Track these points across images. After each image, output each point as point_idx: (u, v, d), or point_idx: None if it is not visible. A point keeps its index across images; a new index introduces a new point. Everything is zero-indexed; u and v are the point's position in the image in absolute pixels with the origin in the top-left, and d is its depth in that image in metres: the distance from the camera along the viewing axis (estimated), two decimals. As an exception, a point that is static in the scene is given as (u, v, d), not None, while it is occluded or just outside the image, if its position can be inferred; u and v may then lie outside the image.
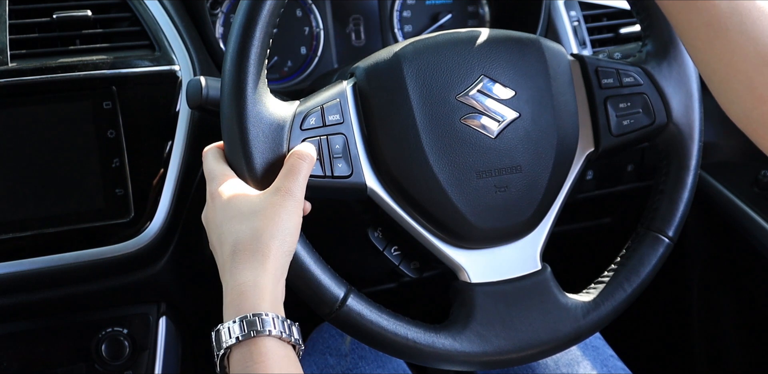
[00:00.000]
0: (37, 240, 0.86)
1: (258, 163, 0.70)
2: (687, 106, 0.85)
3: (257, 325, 0.61)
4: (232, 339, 0.61)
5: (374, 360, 0.98)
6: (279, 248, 0.65)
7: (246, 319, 0.61)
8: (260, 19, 0.69)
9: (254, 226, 0.65)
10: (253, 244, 0.65)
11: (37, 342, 0.96)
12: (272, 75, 1.12)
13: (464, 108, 0.76)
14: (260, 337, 0.61)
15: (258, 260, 0.64)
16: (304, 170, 0.69)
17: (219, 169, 0.72)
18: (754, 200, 1.17)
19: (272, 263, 0.64)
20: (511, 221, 0.78)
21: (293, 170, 0.69)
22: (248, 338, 0.61)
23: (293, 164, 0.69)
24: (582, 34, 1.14)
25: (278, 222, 0.66)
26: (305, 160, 0.70)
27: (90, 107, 0.87)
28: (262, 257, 0.64)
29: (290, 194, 0.67)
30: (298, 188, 0.68)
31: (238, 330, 0.61)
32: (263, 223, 0.65)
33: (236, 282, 0.64)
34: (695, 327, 1.37)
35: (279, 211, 0.66)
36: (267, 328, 0.61)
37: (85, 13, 0.91)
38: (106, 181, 0.88)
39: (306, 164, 0.70)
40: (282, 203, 0.67)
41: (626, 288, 0.83)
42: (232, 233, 0.66)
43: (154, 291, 1.00)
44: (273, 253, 0.65)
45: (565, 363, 0.98)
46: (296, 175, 0.69)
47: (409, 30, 1.18)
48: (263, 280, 0.63)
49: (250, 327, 0.61)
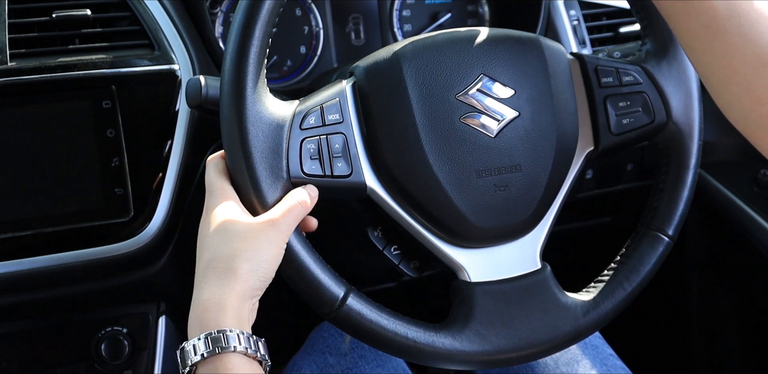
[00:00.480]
0: (37, 239, 0.86)
1: (257, 162, 0.70)
2: (686, 105, 0.85)
3: (222, 341, 0.61)
4: (197, 356, 0.61)
5: (374, 359, 0.98)
6: (251, 271, 0.65)
7: (211, 336, 0.61)
8: (260, 18, 0.69)
9: (232, 246, 0.65)
10: (227, 263, 0.65)
11: (36, 342, 0.96)
12: (272, 74, 1.12)
13: (464, 107, 0.76)
14: (226, 353, 0.61)
15: (228, 279, 0.64)
16: (296, 212, 0.69)
17: (218, 184, 0.71)
18: (753, 200, 1.17)
19: (241, 284, 0.64)
20: (511, 220, 0.78)
21: (291, 211, 0.69)
22: (213, 354, 0.61)
23: (290, 204, 0.69)
24: (581, 33, 1.14)
25: (256, 247, 0.66)
26: (302, 206, 0.70)
27: (89, 107, 0.87)
28: (232, 277, 0.64)
29: (276, 226, 0.67)
30: (286, 224, 0.68)
31: (203, 347, 0.61)
32: (241, 245, 0.65)
33: (201, 298, 0.64)
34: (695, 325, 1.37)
35: (260, 237, 0.66)
36: (232, 344, 0.61)
37: (85, 13, 0.91)
38: (105, 180, 0.88)
39: (302, 209, 0.70)
40: (265, 230, 0.67)
41: (626, 287, 0.83)
42: (210, 248, 0.66)
43: (154, 290, 1.00)
44: (243, 275, 0.64)
45: (565, 362, 0.98)
46: (289, 214, 0.69)
47: (409, 29, 1.18)
48: (228, 298, 0.63)
49: (215, 343, 0.61)
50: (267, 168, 0.70)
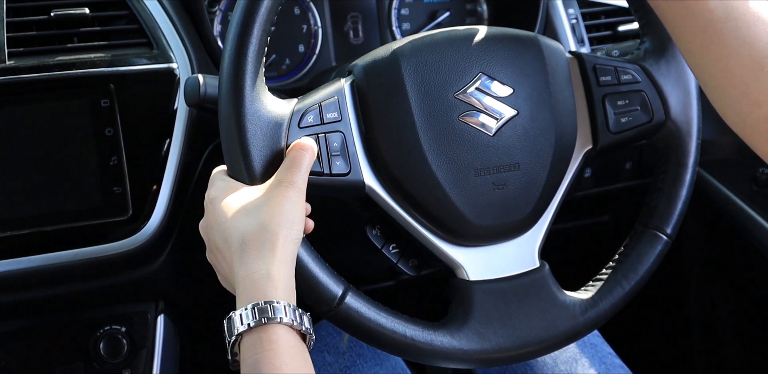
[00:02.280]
0: (35, 238, 0.86)
1: (256, 161, 0.70)
2: (685, 103, 0.85)
3: (269, 312, 0.61)
4: (243, 326, 0.61)
5: (372, 357, 0.98)
6: (287, 236, 0.65)
7: (258, 306, 0.61)
8: (258, 17, 0.69)
9: (260, 218, 0.65)
10: (261, 235, 0.65)
11: (35, 341, 0.96)
12: (270, 73, 1.12)
13: (462, 106, 0.76)
14: (271, 324, 0.61)
15: (268, 249, 0.64)
16: (306, 162, 0.70)
17: (220, 178, 0.72)
18: (752, 198, 1.17)
19: (281, 251, 0.64)
20: (509, 218, 0.78)
21: (295, 161, 0.69)
22: (259, 325, 0.61)
23: (295, 156, 0.70)
24: (580, 31, 1.14)
25: (283, 212, 0.66)
26: (307, 151, 0.70)
27: (88, 105, 0.87)
28: (271, 246, 0.64)
29: (293, 185, 0.68)
30: (300, 179, 0.69)
31: (249, 317, 0.61)
32: (269, 214, 0.65)
33: (248, 272, 0.63)
34: (693, 324, 1.37)
35: (283, 201, 0.66)
36: (278, 316, 0.61)
37: (83, 11, 0.91)
38: (103, 179, 0.87)
39: (308, 155, 0.70)
40: (285, 193, 0.67)
41: (624, 286, 0.83)
42: (238, 227, 0.66)
43: (152, 289, 1.00)
44: (281, 241, 0.65)
45: (564, 360, 0.98)
46: (298, 167, 0.69)
47: (407, 28, 1.18)
48: (275, 268, 0.63)
49: (261, 314, 0.61)
50: (265, 166, 0.70)
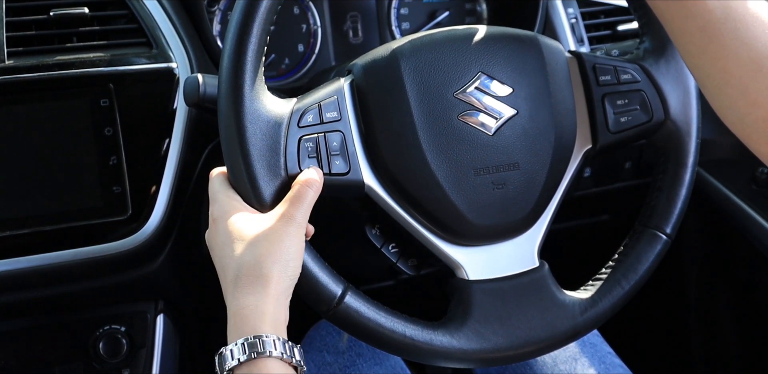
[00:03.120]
0: (35, 238, 0.86)
1: (255, 160, 0.69)
2: (684, 103, 0.85)
3: (258, 347, 0.61)
4: (234, 361, 0.62)
5: (372, 357, 0.98)
6: (281, 273, 0.66)
7: (247, 341, 0.62)
8: (257, 16, 0.69)
9: (257, 252, 0.66)
10: (256, 270, 0.65)
11: (34, 340, 0.96)
12: (270, 73, 1.12)
13: (462, 105, 0.76)
14: (261, 358, 0.62)
15: (260, 285, 0.64)
16: (309, 198, 0.69)
17: (222, 191, 0.72)
18: (751, 197, 1.17)
19: (274, 288, 0.65)
20: (509, 218, 0.78)
21: (299, 197, 0.69)
22: (250, 359, 0.61)
23: (300, 191, 0.69)
24: (580, 31, 1.14)
25: (281, 248, 0.66)
26: (312, 187, 0.70)
27: (87, 105, 0.87)
28: (265, 282, 0.65)
29: (293, 220, 0.68)
30: (302, 215, 0.68)
31: (239, 352, 0.62)
32: (266, 249, 0.66)
33: (238, 307, 0.64)
34: (693, 323, 1.37)
35: (282, 237, 0.66)
36: (268, 349, 0.62)
37: (82, 11, 0.91)
38: (103, 179, 0.87)
39: (312, 191, 0.70)
40: (285, 229, 0.67)
41: (624, 285, 0.83)
42: (234, 258, 0.66)
43: (152, 288, 1.00)
44: (275, 279, 0.65)
45: (563, 360, 0.98)
46: (301, 202, 0.69)
47: (407, 27, 1.18)
48: (264, 304, 0.64)
49: (251, 348, 0.61)
50: (265, 166, 0.70)
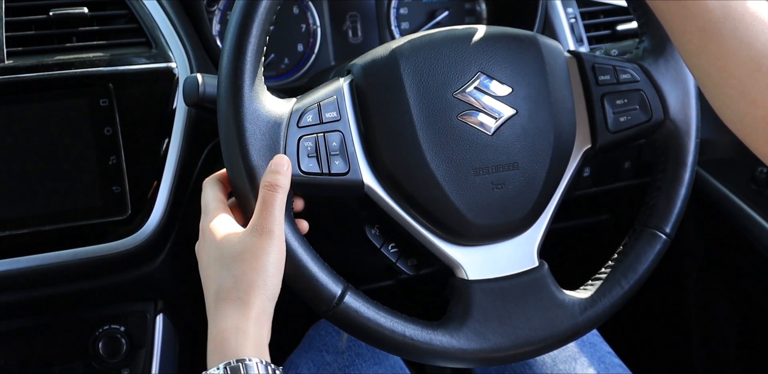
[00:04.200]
0: (34, 238, 0.86)
1: (255, 160, 0.69)
2: (684, 103, 0.85)
3: (241, 371, 0.61)
4: None
5: (371, 357, 0.98)
6: (261, 294, 0.65)
7: (230, 365, 0.62)
8: (257, 16, 0.69)
9: (235, 273, 0.65)
10: (234, 292, 0.65)
11: (34, 340, 0.96)
12: (269, 72, 1.12)
13: (461, 105, 0.76)
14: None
15: (240, 307, 0.64)
16: (278, 202, 0.68)
17: (213, 204, 0.71)
18: (750, 197, 1.17)
19: (255, 310, 0.65)
20: (508, 218, 0.78)
21: (266, 204, 0.67)
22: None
23: (265, 197, 0.68)
24: (579, 31, 1.14)
25: (257, 267, 0.66)
26: (277, 190, 0.68)
27: (87, 105, 0.87)
28: (244, 305, 0.65)
29: (267, 233, 0.67)
30: (274, 223, 0.67)
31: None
32: (243, 269, 0.65)
33: (218, 329, 0.64)
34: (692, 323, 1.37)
35: (258, 254, 0.66)
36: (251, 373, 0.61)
37: (82, 11, 0.91)
38: (102, 178, 0.87)
39: (279, 194, 0.68)
40: (260, 244, 0.66)
41: (623, 285, 0.83)
42: (215, 279, 0.67)
43: (152, 288, 1.00)
44: (254, 299, 0.65)
45: (563, 359, 0.98)
46: (270, 210, 0.67)
47: (406, 27, 1.18)
48: (245, 326, 0.64)
49: (234, 372, 0.61)
50: (264, 166, 0.70)
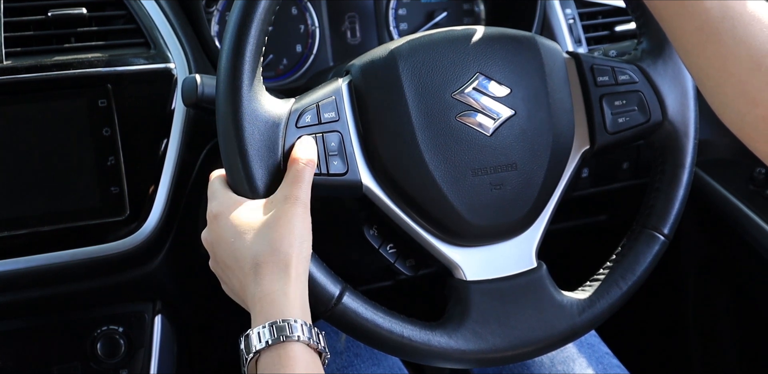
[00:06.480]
0: (33, 238, 0.86)
1: (254, 161, 0.69)
2: (682, 103, 0.85)
3: (287, 330, 0.62)
4: (262, 344, 0.62)
5: (369, 357, 0.98)
6: (299, 255, 0.66)
7: (276, 324, 0.62)
8: (255, 17, 0.69)
9: (271, 238, 0.66)
10: (274, 256, 0.65)
11: (32, 341, 0.96)
12: (268, 73, 1.12)
13: (460, 106, 0.76)
14: (289, 342, 0.62)
15: (282, 270, 0.65)
16: (308, 175, 0.70)
17: (221, 190, 0.72)
18: (749, 198, 1.18)
19: (295, 271, 0.65)
20: (507, 218, 0.78)
21: (298, 176, 0.69)
22: (278, 342, 0.62)
23: (297, 170, 0.69)
24: (577, 31, 1.14)
25: (293, 230, 0.66)
26: (309, 165, 0.70)
27: (85, 105, 0.87)
28: (285, 267, 0.65)
29: (299, 201, 0.68)
30: (305, 193, 0.69)
31: (267, 335, 0.62)
32: (279, 234, 0.66)
33: (263, 292, 0.64)
34: (691, 324, 1.37)
35: (291, 219, 0.67)
36: (296, 334, 0.62)
37: (81, 11, 0.91)
38: (101, 179, 0.87)
39: (309, 169, 0.70)
40: (292, 210, 0.67)
41: (622, 286, 0.83)
42: (249, 248, 0.66)
43: (150, 289, 1.00)
44: (294, 261, 0.65)
45: (561, 360, 0.98)
46: (301, 181, 0.69)
47: (405, 28, 1.18)
48: (291, 288, 0.64)
49: (279, 332, 0.62)
50: (263, 166, 0.70)
